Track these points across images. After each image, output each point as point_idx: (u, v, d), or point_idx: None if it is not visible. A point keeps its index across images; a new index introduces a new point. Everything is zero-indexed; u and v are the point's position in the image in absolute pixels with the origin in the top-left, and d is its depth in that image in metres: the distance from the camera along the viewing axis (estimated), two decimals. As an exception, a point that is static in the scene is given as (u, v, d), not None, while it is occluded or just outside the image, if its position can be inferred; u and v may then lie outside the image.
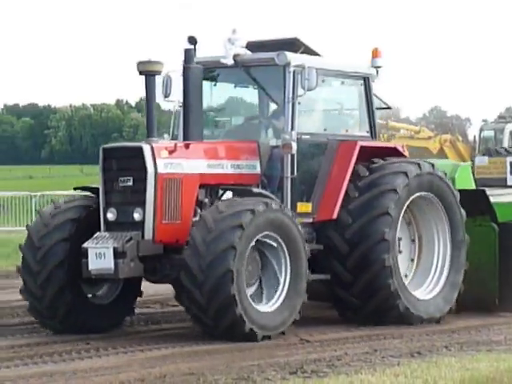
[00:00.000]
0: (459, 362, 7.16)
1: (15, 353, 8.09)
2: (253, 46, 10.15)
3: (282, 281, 8.80)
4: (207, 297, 8.17)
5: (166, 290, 10.06)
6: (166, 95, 10.03)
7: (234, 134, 10.24)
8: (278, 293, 8.78)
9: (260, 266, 8.80)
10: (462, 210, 10.27)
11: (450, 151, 30.83)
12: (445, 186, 10.23)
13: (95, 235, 8.62)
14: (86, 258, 8.43)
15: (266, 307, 8.70)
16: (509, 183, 24.96)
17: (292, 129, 9.45)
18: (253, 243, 8.52)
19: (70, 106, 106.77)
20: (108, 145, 9.43)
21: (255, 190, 9.22)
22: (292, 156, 9.41)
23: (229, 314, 8.18)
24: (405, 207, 9.84)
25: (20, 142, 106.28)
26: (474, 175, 15.25)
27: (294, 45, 10.17)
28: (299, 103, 9.59)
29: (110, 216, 8.70)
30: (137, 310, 9.85)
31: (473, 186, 11.37)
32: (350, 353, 7.97)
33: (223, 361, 7.66)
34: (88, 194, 9.44)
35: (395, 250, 9.65)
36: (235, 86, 10.52)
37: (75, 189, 10.10)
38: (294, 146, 9.33)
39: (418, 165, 10.00)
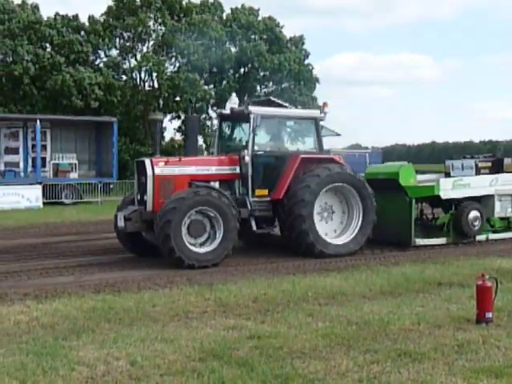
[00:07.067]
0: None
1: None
2: (251, 102, 16.62)
3: (218, 234, 14.17)
4: (158, 233, 13.84)
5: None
6: None
7: (232, 150, 15.93)
8: (216, 240, 14.13)
9: (209, 226, 14.18)
10: (372, 195, 15.58)
11: None
12: (356, 180, 15.59)
13: (125, 208, 15.17)
14: (116, 219, 14.99)
15: (207, 248, 14.03)
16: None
17: (250, 148, 15.13)
18: (192, 211, 13.84)
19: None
20: (137, 159, 15.88)
21: (211, 185, 14.86)
22: (247, 164, 15.08)
23: (166, 244, 13.71)
24: (325, 188, 15.34)
25: None
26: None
27: (270, 102, 16.34)
28: (256, 134, 15.39)
29: (138, 197, 15.14)
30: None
31: (414, 178, 16.68)
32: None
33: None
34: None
35: (311, 208, 15.13)
36: (233, 125, 16.84)
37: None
38: (247, 158, 15.03)
39: (341, 166, 15.68)
